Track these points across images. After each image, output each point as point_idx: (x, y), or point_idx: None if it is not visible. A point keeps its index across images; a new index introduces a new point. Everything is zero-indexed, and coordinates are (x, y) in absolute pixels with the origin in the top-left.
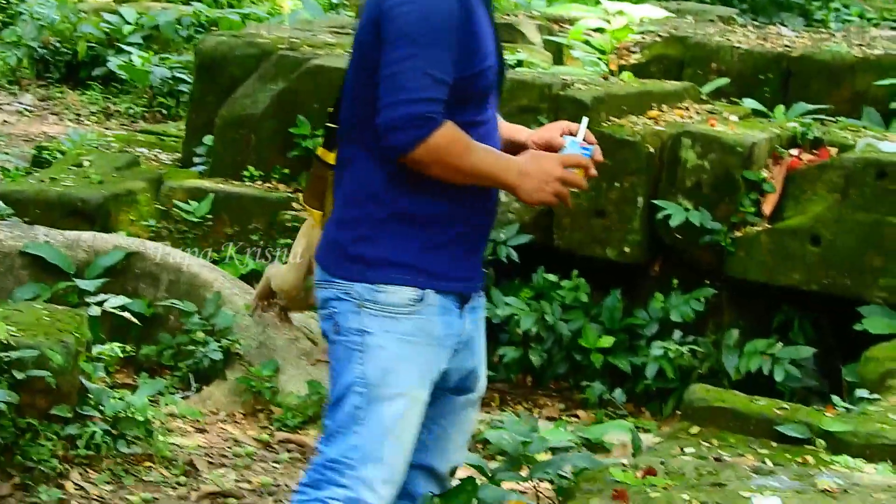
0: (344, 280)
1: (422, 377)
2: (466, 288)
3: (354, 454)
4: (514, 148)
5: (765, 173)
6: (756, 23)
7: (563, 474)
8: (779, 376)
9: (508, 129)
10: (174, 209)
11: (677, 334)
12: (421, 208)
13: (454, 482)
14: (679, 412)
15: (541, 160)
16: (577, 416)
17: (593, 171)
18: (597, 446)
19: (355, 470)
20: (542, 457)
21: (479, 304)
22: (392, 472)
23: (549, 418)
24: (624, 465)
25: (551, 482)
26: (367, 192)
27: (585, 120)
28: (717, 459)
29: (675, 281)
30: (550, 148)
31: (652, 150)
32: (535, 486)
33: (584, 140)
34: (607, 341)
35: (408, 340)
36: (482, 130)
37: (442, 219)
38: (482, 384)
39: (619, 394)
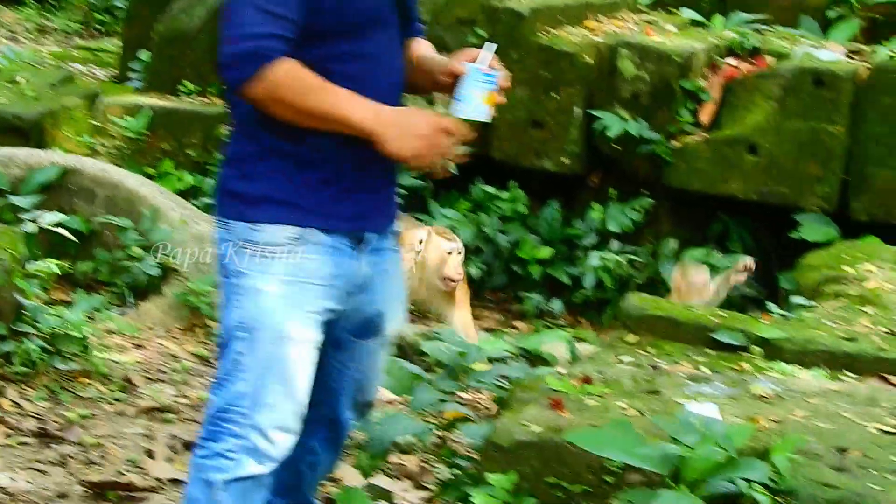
0: (226, 219)
1: (305, 319)
2: (357, 227)
3: (243, 402)
4: (428, 79)
5: (702, 83)
6: None
7: (501, 384)
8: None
9: (431, 61)
10: (110, 125)
11: (615, 244)
12: (298, 144)
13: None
14: (617, 321)
15: (412, 113)
16: (515, 327)
17: (500, 99)
18: (536, 357)
19: (247, 418)
20: (480, 367)
21: (383, 245)
22: (283, 419)
23: (488, 329)
24: (560, 373)
25: (489, 392)
26: (246, 129)
27: (490, 45)
28: (653, 367)
29: (613, 191)
30: (452, 75)
31: (589, 60)
32: (470, 396)
33: (489, 67)
34: (545, 252)
35: (287, 281)
36: (360, 65)
37: (322, 155)
38: (394, 328)
39: (557, 304)
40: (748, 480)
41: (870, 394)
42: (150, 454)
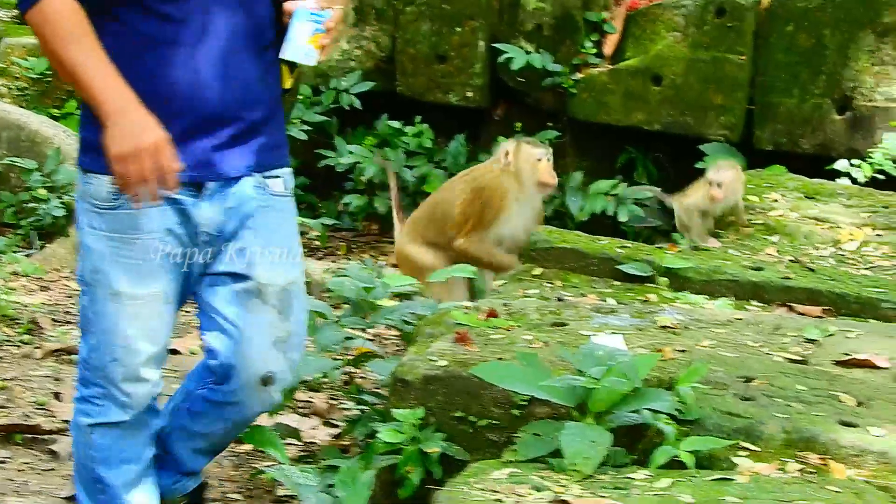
0: (77, 167)
1: (137, 274)
2: (193, 175)
3: (95, 354)
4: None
5: (605, 14)
6: None
7: (407, 319)
8: (623, 216)
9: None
10: (13, 66)
11: None
12: None
13: (275, 395)
14: (522, 255)
15: (147, 127)
16: None
17: (325, 40)
18: None
19: (99, 370)
20: (387, 303)
21: (239, 190)
22: (132, 371)
23: (394, 265)
24: (466, 307)
25: (396, 328)
26: None
27: None
28: (559, 300)
29: (519, 124)
30: (288, 15)
31: None
32: (377, 333)
33: (318, 6)
34: None
35: (112, 237)
36: (178, 31)
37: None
38: (271, 274)
39: None
40: (654, 411)
41: (776, 322)
42: (57, 396)
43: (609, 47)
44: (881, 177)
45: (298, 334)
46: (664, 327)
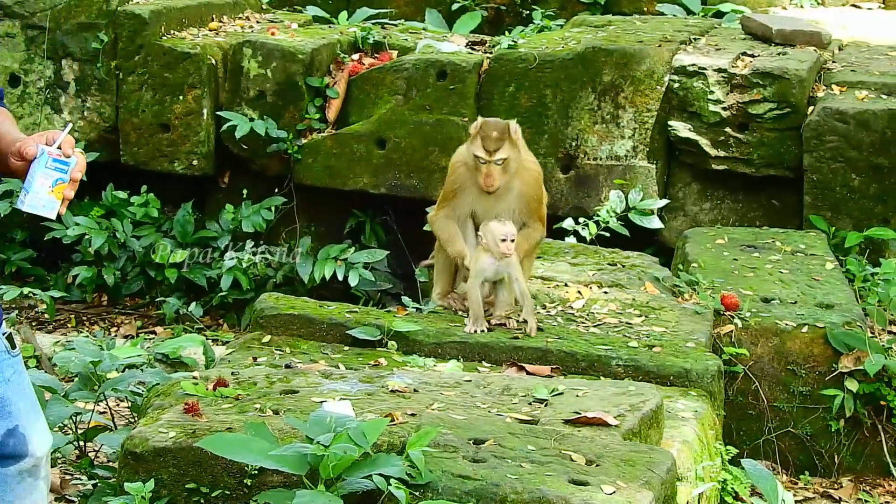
0: None
1: None
2: None
3: None
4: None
5: (328, 79)
6: None
7: (136, 391)
8: (353, 281)
9: (4, 138)
10: None
11: (250, 244)
12: None
13: None
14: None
15: None
16: (154, 333)
17: (69, 193)
18: (174, 362)
19: None
20: (114, 375)
21: None
22: None
23: (127, 336)
24: (195, 377)
25: (127, 400)
26: None
27: (68, 126)
28: (287, 366)
29: (246, 191)
30: (23, 158)
31: (214, 61)
32: (108, 405)
33: (62, 153)
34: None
35: None
36: None
37: None
38: (35, 447)
39: (195, 308)
40: (385, 476)
41: (505, 383)
42: None
43: (333, 112)
44: (607, 234)
45: None
46: (394, 391)
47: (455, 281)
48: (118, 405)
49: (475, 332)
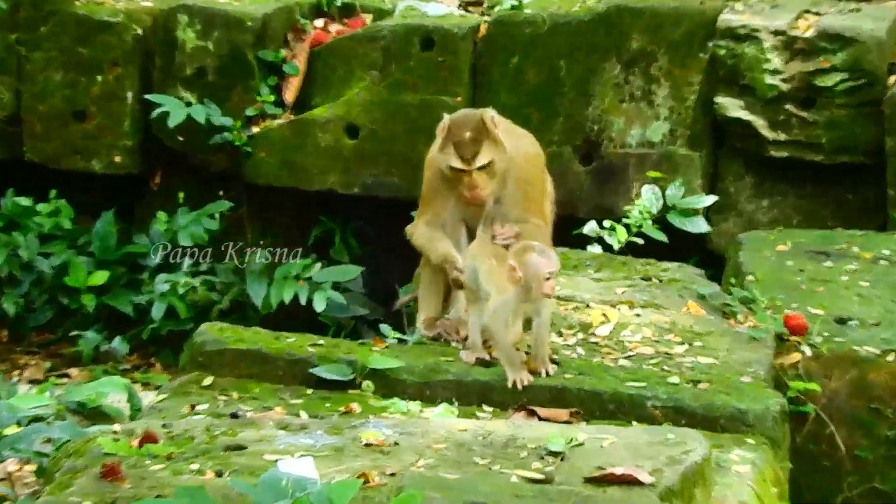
0: None
1: None
2: None
3: None
4: None
5: (284, 52)
6: None
7: (42, 450)
8: (319, 305)
9: None
10: None
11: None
12: None
13: None
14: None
15: None
16: (67, 376)
17: None
18: (94, 413)
19: None
20: (13, 431)
21: None
22: None
23: (33, 381)
24: (116, 432)
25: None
26: None
27: None
28: (233, 416)
29: (182, 195)
30: None
31: (140, 31)
32: (6, 469)
33: None
34: (101, 277)
35: None
36: None
37: None
38: None
39: (119, 343)
40: None
41: (510, 433)
42: None
43: (291, 93)
44: (639, 241)
45: None
46: (369, 445)
47: (447, 303)
48: (20, 469)
49: (517, 383)
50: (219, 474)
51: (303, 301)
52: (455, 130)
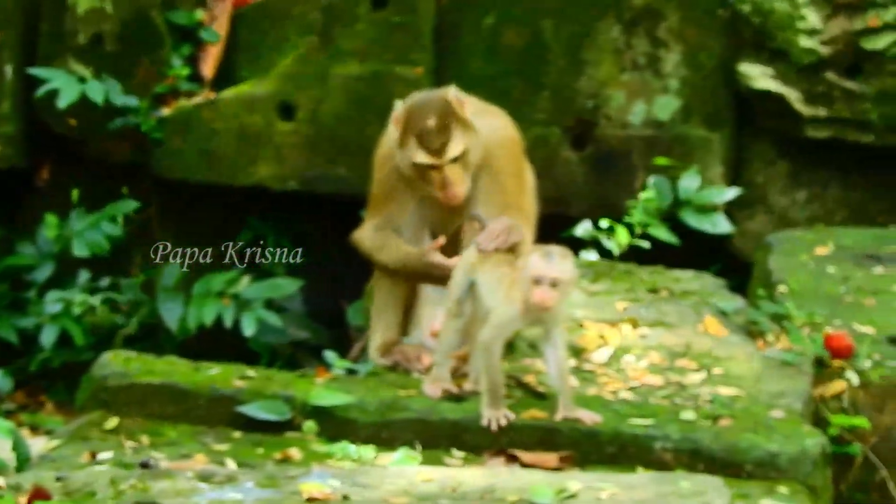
0: None
1: None
2: None
3: None
4: None
5: (200, 14)
6: None
7: None
8: (249, 329)
9: None
10: None
11: (85, 277)
12: None
13: None
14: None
15: None
16: None
17: None
18: None
19: None
20: None
21: None
22: None
23: None
24: (0, 488)
25: None
26: None
27: None
28: (143, 466)
29: (77, 193)
30: None
31: None
32: None
33: None
34: None
35: None
36: None
37: None
38: None
39: (1, 378)
40: None
41: (487, 483)
42: None
43: (210, 65)
44: (645, 244)
45: None
46: (312, 500)
47: (406, 324)
48: None
49: (492, 422)
50: None
51: (228, 323)
52: (415, 119)
